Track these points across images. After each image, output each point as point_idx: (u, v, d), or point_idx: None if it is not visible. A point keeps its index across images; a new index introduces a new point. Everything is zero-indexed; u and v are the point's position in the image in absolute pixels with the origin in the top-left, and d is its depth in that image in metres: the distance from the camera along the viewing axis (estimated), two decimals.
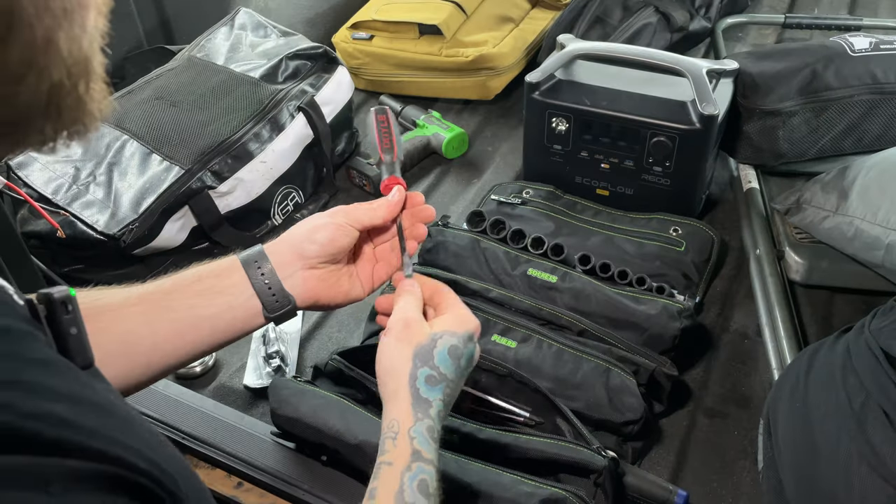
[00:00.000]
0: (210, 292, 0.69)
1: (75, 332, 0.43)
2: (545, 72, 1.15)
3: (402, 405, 0.62)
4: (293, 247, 0.73)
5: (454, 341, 0.65)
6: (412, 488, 0.58)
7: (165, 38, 1.58)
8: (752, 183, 1.22)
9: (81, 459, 0.31)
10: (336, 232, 0.73)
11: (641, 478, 0.81)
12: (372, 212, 0.74)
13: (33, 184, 1.10)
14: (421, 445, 0.60)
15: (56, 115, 0.37)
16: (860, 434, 0.69)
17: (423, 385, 0.63)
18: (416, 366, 0.64)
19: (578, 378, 0.88)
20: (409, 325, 0.66)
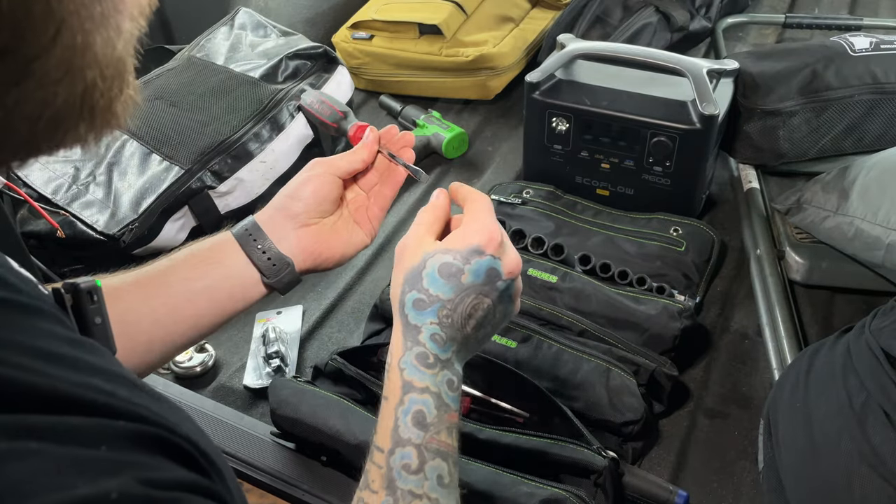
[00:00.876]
0: (204, 264, 0.69)
1: (100, 322, 0.44)
2: (545, 72, 1.15)
3: (396, 333, 0.60)
4: (280, 209, 0.72)
5: (446, 258, 0.60)
6: (406, 423, 0.55)
7: (165, 38, 1.58)
8: (753, 183, 1.22)
9: (128, 421, 0.32)
10: (319, 182, 0.72)
11: (641, 478, 0.81)
12: (351, 156, 0.74)
13: (33, 184, 1.10)
14: (411, 375, 0.57)
15: (90, 116, 0.37)
16: (860, 434, 0.69)
17: (412, 311, 0.60)
18: (404, 291, 0.61)
19: (578, 378, 0.88)
20: (405, 250, 0.63)
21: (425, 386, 0.57)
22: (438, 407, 0.57)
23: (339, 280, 1.14)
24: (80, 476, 0.29)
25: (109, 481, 0.29)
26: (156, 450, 0.33)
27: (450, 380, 0.59)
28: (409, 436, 0.55)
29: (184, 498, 0.31)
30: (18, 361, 0.30)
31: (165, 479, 0.32)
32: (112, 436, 0.31)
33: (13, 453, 0.28)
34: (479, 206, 0.65)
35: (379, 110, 1.50)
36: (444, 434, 0.56)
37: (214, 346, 1.03)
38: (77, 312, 0.44)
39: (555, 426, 0.84)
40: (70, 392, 0.31)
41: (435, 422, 0.56)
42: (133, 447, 0.32)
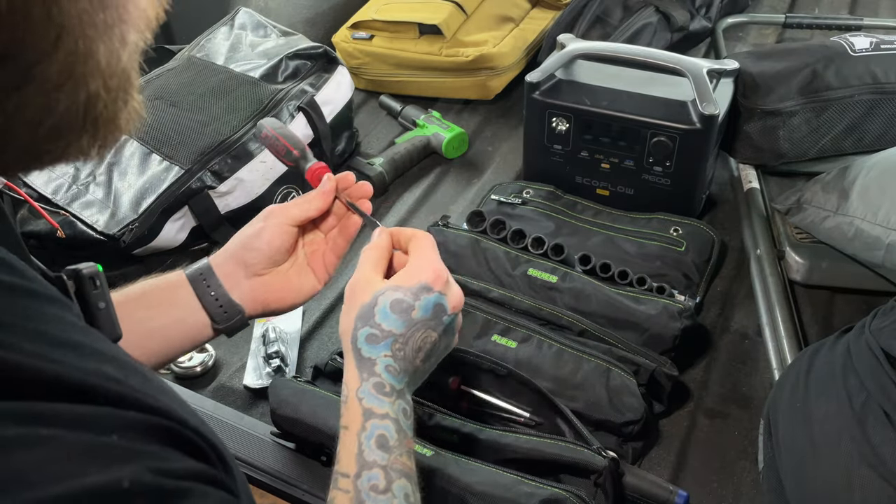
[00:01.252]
0: (157, 306, 0.71)
1: (103, 307, 0.45)
2: (545, 72, 1.15)
3: (349, 368, 0.63)
4: (234, 257, 0.74)
5: (397, 295, 0.64)
6: (370, 447, 0.58)
7: (165, 38, 1.58)
8: (753, 183, 1.22)
9: (139, 411, 0.32)
10: (272, 233, 0.74)
11: (641, 478, 0.81)
12: (306, 205, 0.75)
13: (33, 184, 1.10)
14: (370, 403, 0.60)
15: (93, 127, 0.37)
16: (860, 434, 0.69)
17: (364, 344, 0.63)
18: (356, 327, 0.64)
19: (578, 378, 0.88)
20: (355, 289, 0.66)
21: (385, 412, 0.60)
22: (398, 431, 0.60)
23: (339, 280, 1.14)
24: (92, 463, 0.29)
25: (122, 469, 0.29)
26: (166, 441, 0.33)
27: (404, 408, 0.62)
28: (375, 458, 0.57)
29: (195, 488, 0.32)
30: (29, 348, 0.30)
31: (176, 469, 0.32)
32: (123, 425, 0.31)
33: (23, 440, 0.28)
34: (423, 243, 0.69)
35: (379, 110, 1.50)
36: (405, 457, 0.59)
37: (214, 346, 1.03)
38: (80, 298, 0.45)
39: (555, 426, 0.84)
40: (81, 380, 0.31)
41: (397, 445, 0.59)
42: (143, 437, 0.32)
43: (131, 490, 0.29)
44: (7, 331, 0.30)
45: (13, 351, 0.30)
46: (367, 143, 1.42)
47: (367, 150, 1.40)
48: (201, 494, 0.32)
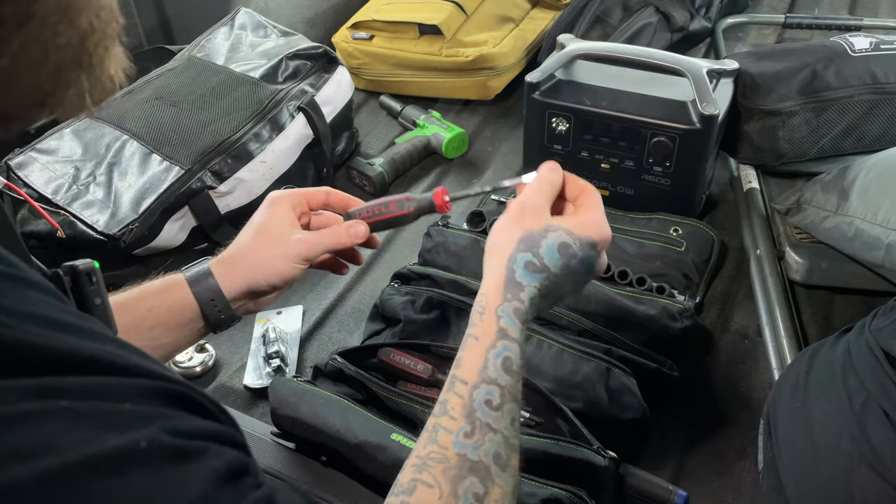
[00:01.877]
0: (160, 310, 0.72)
1: (99, 303, 0.45)
2: (545, 72, 1.15)
3: (495, 282, 0.63)
4: (247, 280, 0.75)
5: (568, 239, 0.65)
6: (496, 365, 0.59)
7: (165, 38, 1.58)
8: (753, 183, 1.22)
9: (150, 379, 0.34)
10: (291, 272, 0.76)
11: (641, 478, 0.81)
12: (328, 242, 0.78)
13: (33, 184, 1.10)
14: (507, 324, 0.61)
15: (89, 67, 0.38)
16: (860, 434, 0.69)
17: (521, 268, 0.63)
18: (518, 248, 0.64)
19: (578, 378, 0.88)
20: (525, 211, 0.67)
21: (516, 337, 0.61)
22: (521, 358, 0.61)
23: (339, 280, 1.14)
24: (109, 428, 0.30)
25: (138, 432, 0.30)
26: (177, 404, 0.34)
27: (528, 336, 0.65)
28: (496, 376, 0.58)
29: (211, 447, 0.33)
30: (34, 329, 0.31)
31: (192, 429, 0.33)
32: (135, 392, 0.32)
33: (42, 412, 0.29)
34: (595, 200, 0.70)
35: (379, 110, 1.50)
36: (519, 383, 0.60)
37: (214, 346, 1.03)
38: (77, 294, 0.45)
39: (555, 426, 0.84)
40: (90, 354, 0.32)
41: (518, 371, 0.60)
42: (156, 401, 0.33)
43: (149, 449, 0.30)
44: (11, 314, 0.31)
45: (20, 331, 0.30)
46: (367, 143, 1.42)
47: (367, 150, 1.40)
48: (216, 453, 0.33)
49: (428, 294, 0.97)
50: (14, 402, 0.28)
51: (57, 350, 0.31)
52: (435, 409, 0.58)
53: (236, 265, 0.76)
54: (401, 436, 0.78)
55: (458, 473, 0.54)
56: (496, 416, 0.57)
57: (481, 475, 0.54)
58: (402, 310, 0.97)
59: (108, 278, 1.15)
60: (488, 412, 0.57)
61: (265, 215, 0.79)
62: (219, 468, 0.32)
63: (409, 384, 0.91)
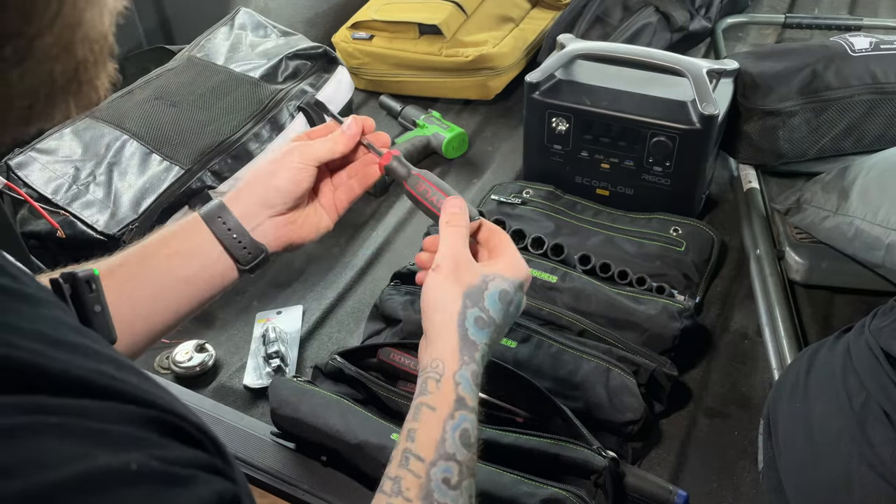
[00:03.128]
0: (180, 255, 0.70)
1: (99, 310, 0.45)
2: (545, 72, 1.15)
3: (449, 345, 0.61)
4: (255, 196, 0.72)
5: (505, 286, 0.64)
6: (454, 438, 0.56)
7: (165, 38, 1.58)
8: (753, 183, 1.22)
9: (140, 406, 0.33)
10: (297, 174, 0.72)
11: (641, 478, 0.81)
12: (331, 145, 0.74)
13: (33, 184, 1.10)
14: (465, 391, 0.59)
15: (78, 91, 0.38)
16: (860, 434, 0.69)
17: (472, 326, 0.62)
18: (465, 305, 0.62)
19: (578, 378, 0.88)
20: (460, 265, 0.65)
21: (474, 406, 0.59)
22: (475, 428, 0.58)
23: (339, 280, 1.14)
24: (99, 447, 0.30)
25: (129, 453, 0.30)
26: (168, 433, 0.33)
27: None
28: (454, 452, 0.55)
29: (200, 476, 0.32)
30: (29, 346, 0.31)
31: (179, 458, 0.32)
32: (126, 418, 0.32)
33: (31, 427, 0.28)
34: (508, 239, 0.70)
35: (379, 110, 1.50)
36: (475, 454, 0.58)
37: (214, 346, 1.03)
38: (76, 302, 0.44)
39: (555, 426, 0.84)
40: (83, 376, 0.32)
41: (474, 444, 0.57)
42: (147, 430, 0.32)
43: (140, 472, 0.30)
44: (7, 330, 0.31)
45: (16, 349, 0.30)
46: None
47: None
48: (205, 481, 0.32)
49: None
50: (1, 417, 0.28)
51: (50, 370, 0.31)
52: (384, 486, 0.54)
53: (243, 190, 0.73)
54: None
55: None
56: (455, 496, 0.54)
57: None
58: (402, 310, 0.97)
59: None
60: (447, 492, 0.54)
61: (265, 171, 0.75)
62: (209, 497, 0.32)
63: (409, 384, 0.91)
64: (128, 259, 0.69)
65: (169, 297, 0.68)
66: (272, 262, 0.74)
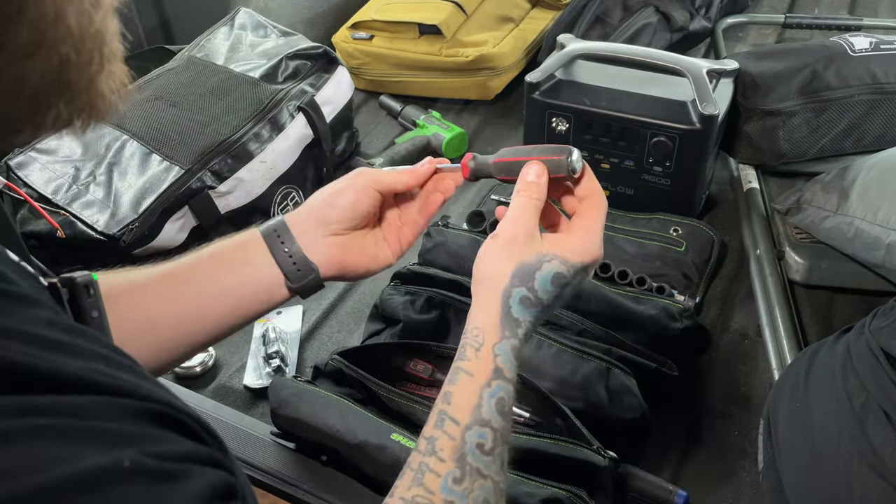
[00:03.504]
0: (230, 263, 0.69)
1: (96, 316, 0.45)
2: (545, 72, 1.15)
3: (491, 317, 0.60)
4: (314, 213, 0.71)
5: (562, 269, 0.61)
6: (490, 405, 0.56)
7: (165, 38, 1.58)
8: (753, 183, 1.22)
9: (135, 399, 0.33)
10: (358, 195, 0.70)
11: (641, 478, 0.81)
12: (397, 175, 0.72)
13: (33, 184, 1.10)
14: (504, 363, 0.58)
15: (68, 94, 0.37)
16: (860, 434, 0.69)
17: (517, 304, 0.60)
18: (512, 283, 0.60)
19: (578, 378, 0.88)
20: (517, 238, 0.62)
21: (511, 377, 0.59)
22: (512, 398, 0.59)
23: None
24: (91, 447, 0.29)
25: (121, 451, 0.30)
26: (161, 424, 0.33)
27: (519, 374, 0.61)
28: (490, 418, 0.56)
29: (193, 469, 0.32)
30: (19, 347, 0.30)
31: (173, 452, 0.32)
32: (119, 412, 0.32)
33: (21, 430, 0.28)
34: (597, 215, 0.66)
35: (379, 110, 1.50)
36: (510, 424, 0.58)
37: (214, 346, 1.03)
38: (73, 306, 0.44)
39: (555, 426, 0.84)
40: (74, 374, 0.31)
41: (510, 412, 0.58)
42: (140, 422, 0.32)
43: (132, 469, 0.29)
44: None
45: (4, 350, 0.30)
46: (367, 143, 1.42)
47: (367, 150, 1.40)
48: (198, 474, 0.32)
49: (428, 294, 0.97)
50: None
51: (37, 369, 0.30)
52: (420, 446, 0.55)
53: (304, 207, 0.72)
54: (401, 436, 0.78)
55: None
56: (487, 462, 0.54)
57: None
58: (402, 310, 0.97)
59: None
60: (480, 457, 0.54)
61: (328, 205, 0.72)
62: (202, 490, 0.32)
63: (409, 384, 0.91)
64: (179, 264, 0.68)
65: (215, 308, 0.67)
66: (325, 287, 0.73)
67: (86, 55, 0.36)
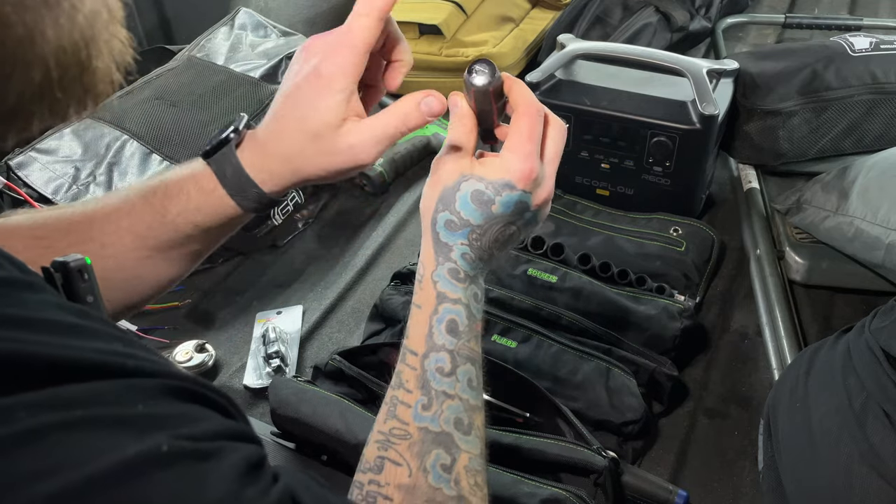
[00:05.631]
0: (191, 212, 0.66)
1: (91, 300, 0.44)
2: (545, 72, 1.15)
3: (427, 247, 0.62)
4: (281, 172, 0.64)
5: (479, 186, 0.60)
6: (440, 330, 0.58)
7: (165, 38, 1.58)
8: (753, 183, 1.22)
9: (159, 378, 0.33)
10: (340, 170, 0.64)
11: (641, 478, 0.81)
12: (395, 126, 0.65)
13: (33, 184, 1.10)
14: (444, 287, 0.59)
15: (53, 102, 0.36)
16: (860, 434, 0.69)
17: (443, 229, 0.61)
18: (437, 209, 0.61)
19: (578, 378, 0.88)
20: (440, 165, 0.62)
21: (457, 297, 0.60)
22: (468, 317, 0.60)
23: (339, 280, 1.14)
24: (127, 433, 0.30)
25: (155, 435, 0.30)
26: (190, 401, 0.34)
27: (475, 293, 0.62)
28: (443, 342, 0.58)
29: (226, 445, 0.33)
30: (36, 338, 0.31)
31: (208, 431, 0.33)
32: (147, 393, 0.32)
33: (57, 424, 0.29)
34: (518, 126, 0.61)
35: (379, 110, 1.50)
36: (472, 342, 0.60)
37: (214, 346, 1.03)
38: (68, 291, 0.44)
39: (555, 426, 0.84)
40: (98, 359, 0.32)
41: (465, 330, 0.59)
42: (167, 400, 0.33)
43: (170, 453, 0.30)
44: (13, 324, 0.31)
45: (23, 343, 0.30)
46: None
47: None
48: (232, 450, 0.33)
49: None
50: (24, 419, 0.28)
51: (60, 358, 0.31)
52: (392, 381, 0.59)
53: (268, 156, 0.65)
54: None
55: (423, 448, 0.55)
56: (450, 382, 0.57)
57: (446, 445, 0.55)
58: (402, 310, 0.97)
59: None
60: (441, 380, 0.57)
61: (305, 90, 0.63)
62: (238, 464, 0.32)
63: None
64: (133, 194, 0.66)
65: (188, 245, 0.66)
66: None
67: (70, 61, 0.35)
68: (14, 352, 0.29)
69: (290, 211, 1.25)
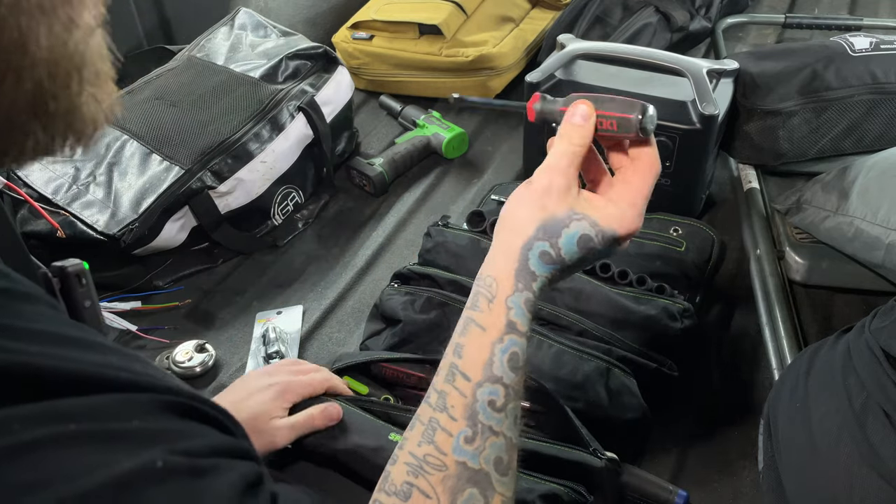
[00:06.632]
0: None
1: (89, 305, 0.44)
2: (545, 72, 1.15)
3: (506, 266, 0.58)
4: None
5: (590, 232, 0.58)
6: (502, 361, 0.55)
7: (165, 38, 1.58)
8: (753, 183, 1.22)
9: (151, 392, 0.33)
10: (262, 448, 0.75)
11: (641, 478, 0.81)
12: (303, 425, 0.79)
13: (33, 184, 1.10)
14: (517, 317, 0.56)
15: (45, 117, 0.35)
16: (860, 434, 0.69)
17: (535, 258, 0.58)
18: (536, 236, 0.58)
19: (578, 378, 0.88)
20: (550, 191, 0.59)
21: (525, 331, 0.57)
22: (526, 353, 0.57)
23: (339, 280, 1.14)
24: (122, 448, 0.30)
25: (150, 451, 0.30)
26: (187, 417, 0.33)
27: (534, 329, 0.60)
28: (502, 374, 0.54)
29: (221, 463, 0.32)
30: (34, 349, 0.30)
31: (204, 447, 0.32)
32: (142, 408, 0.32)
33: (52, 438, 0.28)
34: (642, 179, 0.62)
35: (379, 110, 1.50)
36: (523, 378, 0.57)
37: (214, 346, 1.03)
38: (66, 296, 0.44)
39: (554, 426, 0.84)
40: (93, 372, 0.31)
41: (523, 367, 0.56)
42: (163, 416, 0.32)
43: (165, 469, 0.30)
44: (9, 335, 0.30)
45: (19, 354, 0.30)
46: (367, 143, 1.42)
47: (367, 150, 1.40)
48: (229, 468, 0.32)
49: (428, 294, 0.97)
50: (19, 432, 0.28)
51: (55, 369, 0.30)
52: (431, 398, 0.54)
53: None
54: (398, 436, 0.78)
55: (457, 484, 0.51)
56: (499, 418, 0.53)
57: (482, 485, 0.51)
58: (402, 310, 0.97)
59: (108, 278, 1.15)
60: (491, 414, 0.53)
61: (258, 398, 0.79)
62: (236, 483, 0.32)
63: (405, 390, 0.91)
64: None
65: None
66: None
67: (62, 79, 0.35)
68: (9, 363, 0.29)
69: (290, 211, 1.25)
